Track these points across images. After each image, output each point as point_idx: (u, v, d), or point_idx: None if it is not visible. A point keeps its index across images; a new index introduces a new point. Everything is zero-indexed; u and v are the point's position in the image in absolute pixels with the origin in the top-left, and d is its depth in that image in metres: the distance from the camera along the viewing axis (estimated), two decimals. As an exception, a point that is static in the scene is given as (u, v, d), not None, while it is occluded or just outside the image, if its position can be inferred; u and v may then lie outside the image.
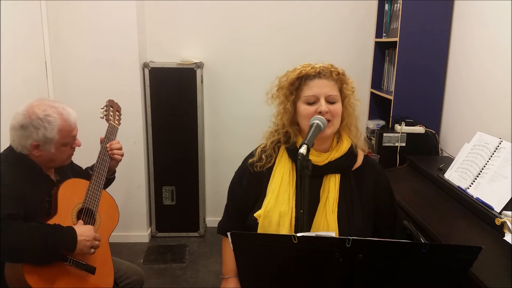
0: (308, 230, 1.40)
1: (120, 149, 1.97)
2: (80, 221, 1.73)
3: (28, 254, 1.54)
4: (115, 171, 2.04)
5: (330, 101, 1.45)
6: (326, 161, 1.49)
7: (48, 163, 1.75)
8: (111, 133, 1.97)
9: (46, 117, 1.67)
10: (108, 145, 1.93)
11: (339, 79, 1.48)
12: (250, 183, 1.57)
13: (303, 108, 1.47)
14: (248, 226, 1.53)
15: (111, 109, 2.04)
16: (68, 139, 1.74)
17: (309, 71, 1.46)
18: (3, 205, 1.53)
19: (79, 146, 1.82)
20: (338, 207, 1.46)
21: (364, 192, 1.52)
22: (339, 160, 1.49)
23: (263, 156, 1.56)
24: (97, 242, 1.69)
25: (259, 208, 1.49)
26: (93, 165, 1.90)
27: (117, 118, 2.05)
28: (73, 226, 1.65)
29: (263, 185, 1.54)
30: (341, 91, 1.48)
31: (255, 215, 1.48)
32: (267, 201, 1.48)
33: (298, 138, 1.53)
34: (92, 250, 1.67)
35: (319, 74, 1.46)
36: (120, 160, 1.97)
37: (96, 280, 1.72)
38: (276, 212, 1.45)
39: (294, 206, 1.45)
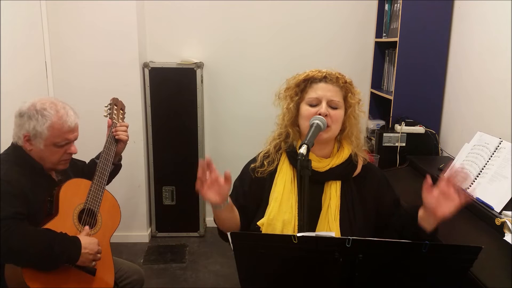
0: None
1: (125, 130, 1.97)
2: (86, 228, 1.73)
3: (31, 259, 1.54)
4: (121, 157, 2.04)
5: (332, 106, 1.46)
6: (328, 167, 1.49)
7: (40, 161, 1.73)
8: None
9: (41, 110, 1.67)
10: (113, 128, 1.95)
11: (345, 87, 1.49)
12: (251, 188, 1.57)
13: (304, 109, 1.48)
14: None
15: (115, 107, 2.04)
16: (59, 139, 1.70)
17: (315, 75, 1.49)
18: (8, 203, 1.53)
19: (74, 153, 1.79)
20: (340, 214, 1.47)
21: (366, 198, 1.52)
22: (340, 166, 1.50)
23: (265, 162, 1.56)
24: (99, 256, 1.69)
25: (262, 216, 1.49)
26: (99, 154, 1.91)
27: (121, 116, 2.05)
28: (79, 237, 1.65)
29: (265, 192, 1.54)
30: (345, 99, 1.49)
31: (258, 223, 1.48)
32: (270, 209, 1.48)
33: (298, 141, 1.54)
34: (93, 263, 1.67)
35: (325, 78, 1.47)
36: (126, 140, 1.97)
37: (96, 281, 1.72)
38: (279, 220, 1.46)
39: (297, 214, 1.45)
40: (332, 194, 1.48)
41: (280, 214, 1.46)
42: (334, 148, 1.53)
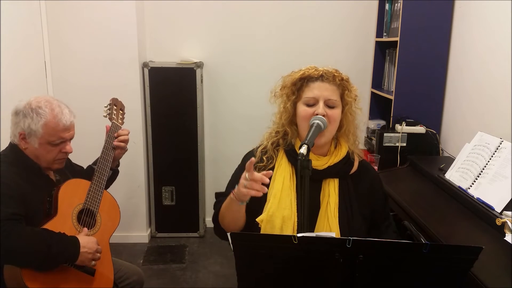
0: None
1: (125, 138, 1.96)
2: (85, 229, 1.72)
3: (29, 260, 1.53)
4: (119, 163, 2.03)
5: (329, 105, 1.45)
6: (326, 166, 1.49)
7: (35, 160, 1.72)
8: (114, 132, 1.96)
9: (36, 109, 1.67)
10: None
11: (342, 85, 1.47)
12: None
13: (301, 109, 1.47)
14: (250, 230, 1.53)
15: (115, 107, 2.04)
16: (54, 138, 1.69)
17: (312, 73, 1.47)
18: (6, 205, 1.53)
19: (70, 152, 1.78)
20: (339, 212, 1.46)
21: (361, 196, 1.53)
22: (338, 164, 1.50)
23: (264, 158, 1.55)
24: (98, 255, 1.68)
25: (261, 212, 1.48)
26: (96, 159, 1.90)
27: (121, 117, 2.05)
28: (77, 236, 1.64)
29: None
30: (342, 97, 1.48)
31: (257, 219, 1.47)
32: (269, 206, 1.47)
33: (296, 139, 1.53)
34: (93, 262, 1.67)
35: (321, 77, 1.46)
36: (123, 146, 1.95)
37: (95, 281, 1.71)
38: (278, 217, 1.45)
39: (296, 211, 1.45)
40: (331, 192, 1.48)
41: (280, 211, 1.45)
42: (332, 146, 1.53)
